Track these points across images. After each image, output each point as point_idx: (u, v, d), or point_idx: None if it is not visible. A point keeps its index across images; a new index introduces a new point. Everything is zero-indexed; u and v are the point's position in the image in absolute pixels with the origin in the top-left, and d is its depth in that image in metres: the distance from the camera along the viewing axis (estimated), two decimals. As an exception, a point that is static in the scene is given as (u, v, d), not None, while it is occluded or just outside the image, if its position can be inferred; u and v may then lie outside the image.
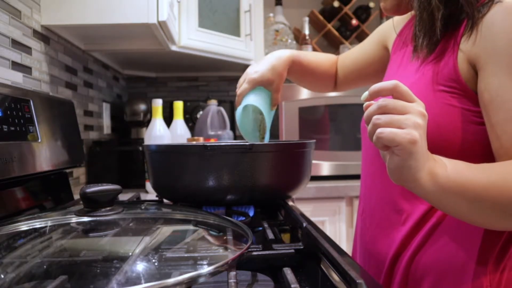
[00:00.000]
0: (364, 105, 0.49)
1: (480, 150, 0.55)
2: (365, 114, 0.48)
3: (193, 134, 1.62)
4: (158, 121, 1.30)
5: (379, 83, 0.46)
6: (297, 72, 0.86)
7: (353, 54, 0.90)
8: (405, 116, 0.44)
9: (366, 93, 0.47)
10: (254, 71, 0.78)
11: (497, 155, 0.52)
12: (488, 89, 0.52)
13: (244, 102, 0.76)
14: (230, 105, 1.90)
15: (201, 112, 1.80)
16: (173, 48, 1.40)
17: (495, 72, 0.51)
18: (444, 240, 0.58)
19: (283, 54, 0.81)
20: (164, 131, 1.30)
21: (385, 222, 0.65)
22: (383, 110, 0.45)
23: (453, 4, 0.56)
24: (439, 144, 0.54)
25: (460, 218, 0.50)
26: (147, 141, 1.29)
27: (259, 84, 0.77)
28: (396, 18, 0.78)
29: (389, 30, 0.79)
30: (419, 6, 0.59)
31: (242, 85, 0.78)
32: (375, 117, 0.46)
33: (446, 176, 0.46)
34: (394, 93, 0.46)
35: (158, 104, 1.31)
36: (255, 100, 0.75)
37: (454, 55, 0.56)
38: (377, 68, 0.84)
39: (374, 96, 0.47)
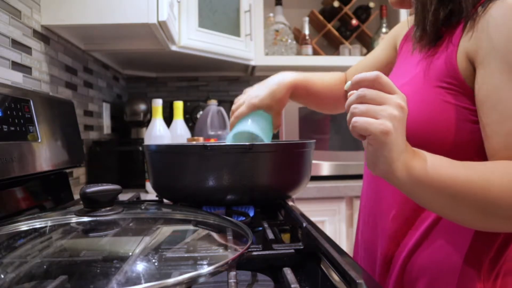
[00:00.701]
0: (348, 95, 0.49)
1: (474, 149, 0.54)
2: (346, 102, 0.48)
3: (193, 134, 1.62)
4: (158, 121, 1.30)
5: (361, 73, 0.47)
6: (301, 96, 0.84)
7: (364, 63, 0.87)
8: (381, 107, 0.44)
9: (349, 83, 0.48)
10: (255, 95, 0.77)
11: (489, 155, 0.51)
12: (483, 87, 0.51)
13: (241, 127, 0.75)
14: (230, 105, 1.88)
15: (201, 112, 1.80)
16: (173, 48, 1.40)
17: (491, 71, 0.50)
18: (440, 242, 0.58)
19: (285, 79, 0.78)
20: (164, 131, 1.30)
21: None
22: (361, 100, 0.46)
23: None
24: (432, 141, 0.54)
25: (437, 213, 0.50)
26: (147, 141, 1.29)
27: (257, 109, 0.76)
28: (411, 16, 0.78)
29: (400, 30, 0.79)
30: None
31: (241, 107, 0.77)
32: (353, 106, 0.46)
33: (423, 169, 0.46)
34: (375, 84, 0.46)
35: (158, 104, 1.31)
36: (253, 126, 0.74)
37: (454, 51, 0.55)
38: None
39: (356, 86, 0.47)
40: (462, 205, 0.47)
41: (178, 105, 1.40)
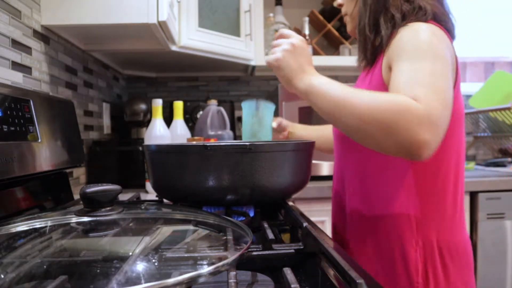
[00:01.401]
0: None
1: None
2: None
3: (193, 134, 1.62)
4: (158, 121, 1.30)
5: (281, 30, 0.77)
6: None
7: None
8: (279, 46, 0.73)
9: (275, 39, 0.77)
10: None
11: None
12: (393, 77, 0.67)
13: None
14: (230, 105, 1.89)
15: (201, 112, 1.80)
16: (173, 48, 1.40)
17: (400, 64, 0.66)
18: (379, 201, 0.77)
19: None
20: (164, 131, 1.30)
21: None
22: (275, 45, 0.75)
23: (379, 30, 0.75)
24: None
25: (330, 119, 0.67)
26: (147, 141, 1.29)
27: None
28: None
29: None
30: (358, 32, 0.80)
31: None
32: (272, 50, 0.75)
33: (318, 82, 0.68)
34: (282, 35, 0.75)
35: (158, 104, 1.31)
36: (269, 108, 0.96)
37: (379, 69, 0.74)
38: None
39: (277, 38, 0.76)
40: (343, 111, 0.63)
41: (178, 105, 1.40)
